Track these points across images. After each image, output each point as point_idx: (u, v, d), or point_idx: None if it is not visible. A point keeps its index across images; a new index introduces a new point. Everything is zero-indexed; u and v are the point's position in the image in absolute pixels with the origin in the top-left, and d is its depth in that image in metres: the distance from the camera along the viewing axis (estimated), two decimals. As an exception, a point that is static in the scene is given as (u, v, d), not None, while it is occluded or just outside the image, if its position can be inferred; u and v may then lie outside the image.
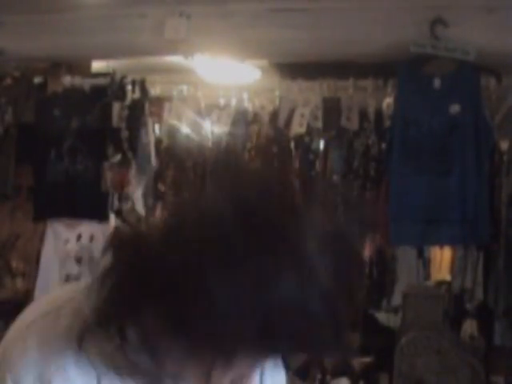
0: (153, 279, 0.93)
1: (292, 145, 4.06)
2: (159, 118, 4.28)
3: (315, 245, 0.91)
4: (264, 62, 4.29)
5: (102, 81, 4.25)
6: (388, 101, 3.94)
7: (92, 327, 1.02)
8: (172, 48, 3.91)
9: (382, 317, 4.42)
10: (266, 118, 4.14)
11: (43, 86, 4.36)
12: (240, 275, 0.88)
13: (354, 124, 3.96)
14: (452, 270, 4.13)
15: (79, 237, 4.25)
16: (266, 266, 0.88)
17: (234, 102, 4.24)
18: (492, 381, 3.89)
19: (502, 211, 3.71)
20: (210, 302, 0.88)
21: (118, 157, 4.19)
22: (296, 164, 4.00)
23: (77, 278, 4.22)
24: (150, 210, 4.26)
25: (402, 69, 3.74)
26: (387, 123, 3.89)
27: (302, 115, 4.00)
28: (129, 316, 0.99)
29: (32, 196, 4.35)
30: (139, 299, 0.95)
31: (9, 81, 4.38)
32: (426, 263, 4.61)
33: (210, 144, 4.23)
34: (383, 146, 3.89)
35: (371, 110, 3.97)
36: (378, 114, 3.96)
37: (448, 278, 4.28)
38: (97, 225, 4.24)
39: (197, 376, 0.99)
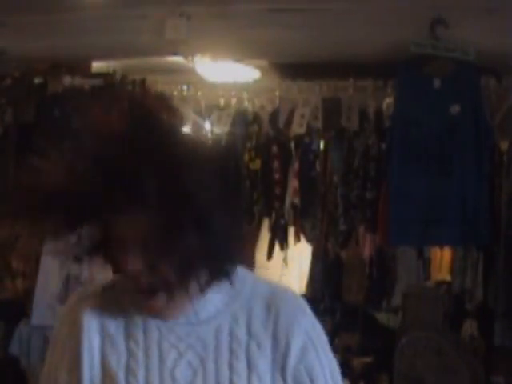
0: None
1: (292, 145, 4.06)
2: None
3: None
4: (264, 62, 4.29)
5: (102, 81, 4.25)
6: (388, 101, 3.94)
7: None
8: (172, 48, 3.91)
9: (381, 317, 4.43)
10: (266, 118, 4.14)
11: (43, 86, 4.36)
12: None
13: (354, 124, 3.96)
14: (452, 270, 4.13)
15: (79, 237, 4.24)
16: None
17: (234, 102, 4.24)
18: (492, 381, 3.89)
19: (502, 211, 3.71)
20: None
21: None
22: (296, 164, 4.00)
23: (77, 278, 4.22)
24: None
25: (402, 69, 3.74)
26: (387, 123, 3.89)
27: (302, 115, 4.00)
28: None
29: (32, 196, 4.34)
30: None
31: (9, 81, 4.38)
32: (426, 263, 4.61)
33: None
34: (383, 146, 3.89)
35: (371, 110, 3.96)
36: (378, 114, 3.95)
37: (448, 278, 4.28)
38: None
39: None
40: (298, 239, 4.02)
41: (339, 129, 3.99)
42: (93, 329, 1.34)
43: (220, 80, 4.42)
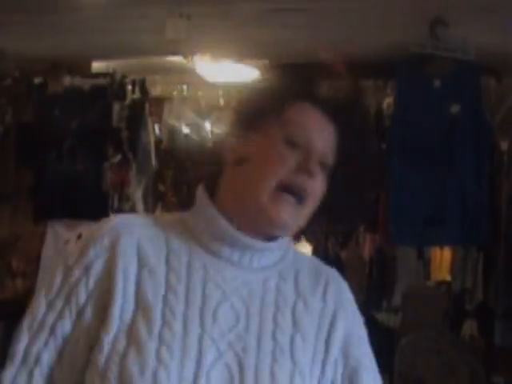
0: None
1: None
2: (159, 118, 4.28)
3: None
4: (264, 62, 4.29)
5: (102, 81, 4.25)
6: (388, 101, 3.94)
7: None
8: (172, 48, 3.91)
9: (382, 317, 4.42)
10: (265, 118, 4.13)
11: (43, 86, 4.36)
12: None
13: (354, 124, 3.96)
14: (452, 270, 4.13)
15: (79, 237, 4.25)
16: None
17: (234, 102, 4.23)
18: (492, 381, 3.89)
19: (502, 211, 3.71)
20: None
21: (118, 157, 4.19)
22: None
23: (77, 278, 4.22)
24: (150, 210, 4.26)
25: (402, 69, 3.74)
26: (387, 123, 3.89)
27: (302, 115, 4.00)
28: None
29: (32, 196, 4.35)
30: None
31: (9, 81, 4.38)
32: (426, 263, 4.61)
33: (209, 144, 4.23)
34: (383, 146, 3.89)
35: (371, 110, 3.96)
36: (378, 114, 3.95)
37: (448, 278, 4.28)
38: (97, 225, 4.24)
39: None
40: (297, 239, 4.02)
41: (339, 129, 3.98)
42: (131, 255, 1.24)
43: (220, 80, 4.42)
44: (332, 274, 1.40)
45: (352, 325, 1.35)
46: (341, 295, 1.37)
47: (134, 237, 1.26)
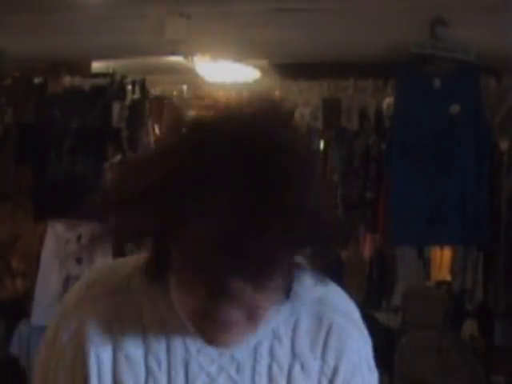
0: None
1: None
2: (159, 118, 4.28)
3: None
4: (264, 62, 4.29)
5: (102, 81, 4.25)
6: (388, 101, 3.94)
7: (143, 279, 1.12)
8: (172, 48, 3.91)
9: (382, 317, 4.42)
10: (266, 118, 4.13)
11: (43, 86, 4.36)
12: None
13: (354, 124, 3.97)
14: (452, 270, 4.13)
15: (79, 237, 4.25)
16: None
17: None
18: (492, 381, 3.89)
19: (502, 211, 3.71)
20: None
21: (118, 157, 4.19)
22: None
23: (77, 278, 4.21)
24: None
25: (402, 69, 3.74)
26: (387, 123, 3.89)
27: (303, 116, 4.00)
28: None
29: (32, 196, 4.35)
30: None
31: (9, 81, 4.38)
32: (426, 263, 4.62)
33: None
34: (383, 146, 3.89)
35: (371, 110, 3.97)
36: (378, 114, 3.96)
37: (448, 278, 4.28)
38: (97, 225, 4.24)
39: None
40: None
41: (339, 129, 3.99)
42: (101, 338, 1.11)
43: (220, 80, 4.42)
44: (336, 309, 1.17)
45: (351, 377, 1.17)
46: (344, 345, 1.16)
47: (101, 316, 1.12)
